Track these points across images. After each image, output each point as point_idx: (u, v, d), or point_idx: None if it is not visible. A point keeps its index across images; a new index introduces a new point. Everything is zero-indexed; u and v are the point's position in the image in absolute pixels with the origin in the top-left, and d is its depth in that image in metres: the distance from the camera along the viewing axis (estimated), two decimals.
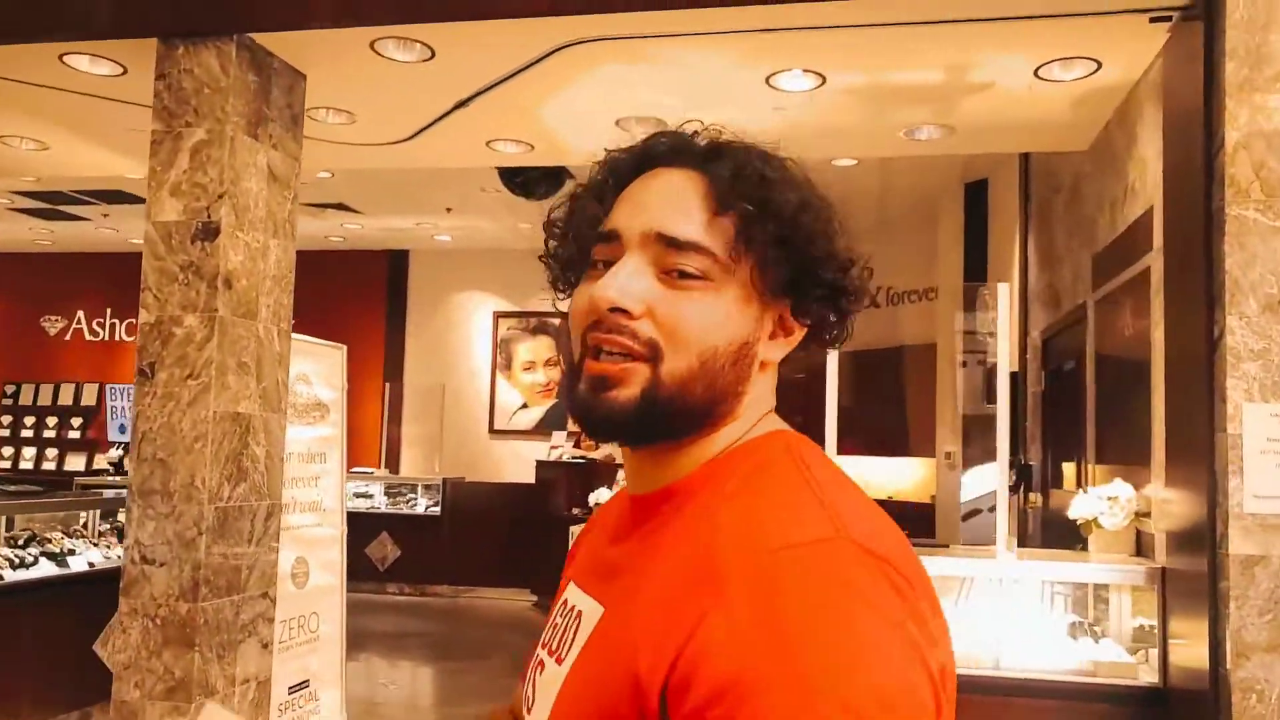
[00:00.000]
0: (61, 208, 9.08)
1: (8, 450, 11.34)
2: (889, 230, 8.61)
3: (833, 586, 0.65)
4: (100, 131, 4.55)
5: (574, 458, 9.22)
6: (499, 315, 10.53)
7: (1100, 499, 3.15)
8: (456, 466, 10.19)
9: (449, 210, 8.92)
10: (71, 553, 4.91)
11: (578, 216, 0.88)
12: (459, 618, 8.87)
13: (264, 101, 3.52)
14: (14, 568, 4.56)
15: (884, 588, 0.66)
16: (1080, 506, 3.23)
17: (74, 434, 11.20)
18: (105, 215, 9.37)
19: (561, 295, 0.90)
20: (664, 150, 0.84)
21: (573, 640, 0.81)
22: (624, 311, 0.77)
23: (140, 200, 8.52)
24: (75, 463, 11.16)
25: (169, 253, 3.36)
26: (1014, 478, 5.37)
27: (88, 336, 11.32)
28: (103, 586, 5.03)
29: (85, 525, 5.46)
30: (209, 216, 3.32)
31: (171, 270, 3.35)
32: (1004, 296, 3.68)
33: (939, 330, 7.84)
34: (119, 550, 5.30)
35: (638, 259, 0.78)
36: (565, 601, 0.88)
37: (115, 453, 9.98)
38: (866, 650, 0.63)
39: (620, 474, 7.15)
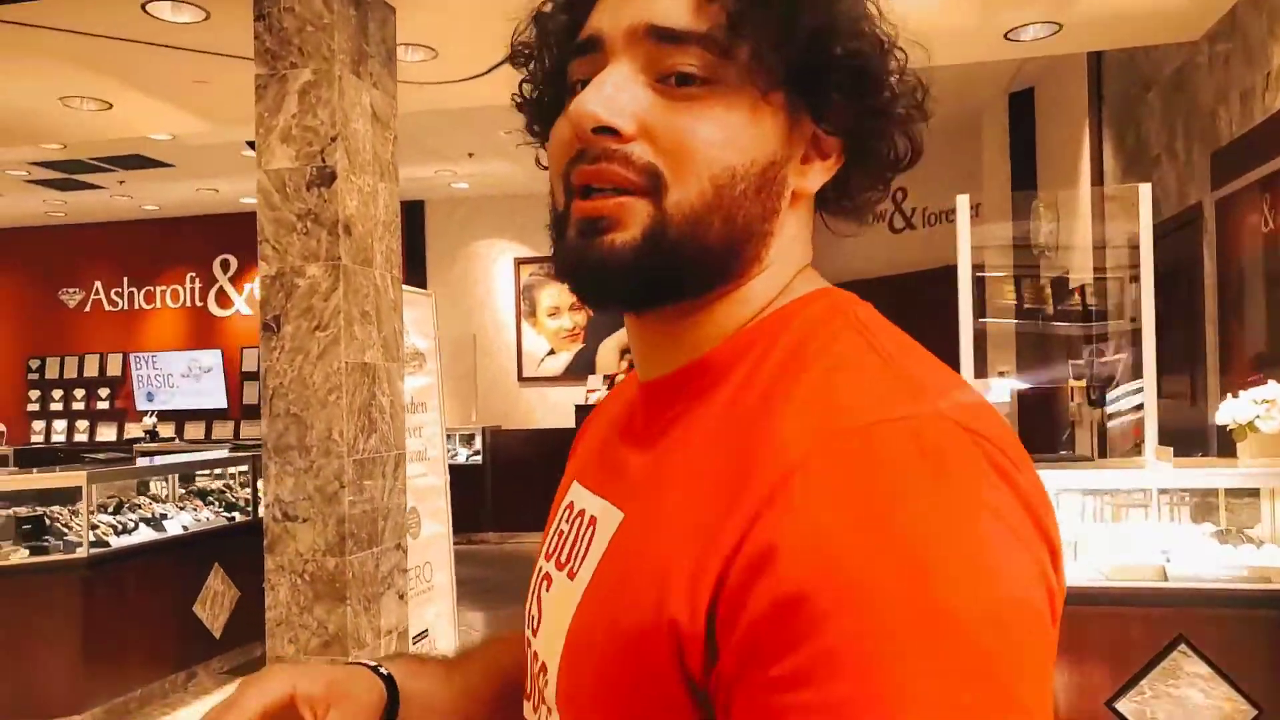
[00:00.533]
0: (78, 176, 8.86)
1: (38, 425, 11.26)
2: (935, 147, 8.49)
3: (931, 472, 0.50)
4: (165, 85, 4.40)
5: None
6: (520, 262, 10.40)
7: (1255, 402, 3.12)
8: (490, 416, 10.16)
9: (471, 155, 8.76)
10: (165, 517, 4.86)
11: (548, 32, 0.70)
12: (507, 563, 8.91)
13: (363, 38, 3.39)
14: (117, 534, 4.51)
15: (991, 475, 0.52)
16: (1232, 411, 3.19)
17: (102, 404, 11.10)
18: (121, 182, 9.16)
19: (540, 145, 0.73)
20: None
21: (585, 550, 0.67)
22: (612, 132, 0.60)
23: (158, 165, 8.42)
24: (106, 433, 11.08)
25: (284, 202, 3.25)
26: (1096, 391, 5.35)
27: (107, 307, 11.14)
28: (197, 548, 5.02)
29: (163, 489, 5.41)
30: (323, 161, 3.21)
31: (289, 220, 3.25)
32: (1146, 198, 3.60)
33: (986, 247, 7.77)
34: (206, 512, 5.26)
35: (625, 65, 0.62)
36: (571, 505, 0.73)
37: (149, 420, 9.91)
38: (977, 552, 0.49)
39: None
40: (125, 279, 11.09)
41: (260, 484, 5.55)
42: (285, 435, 3.22)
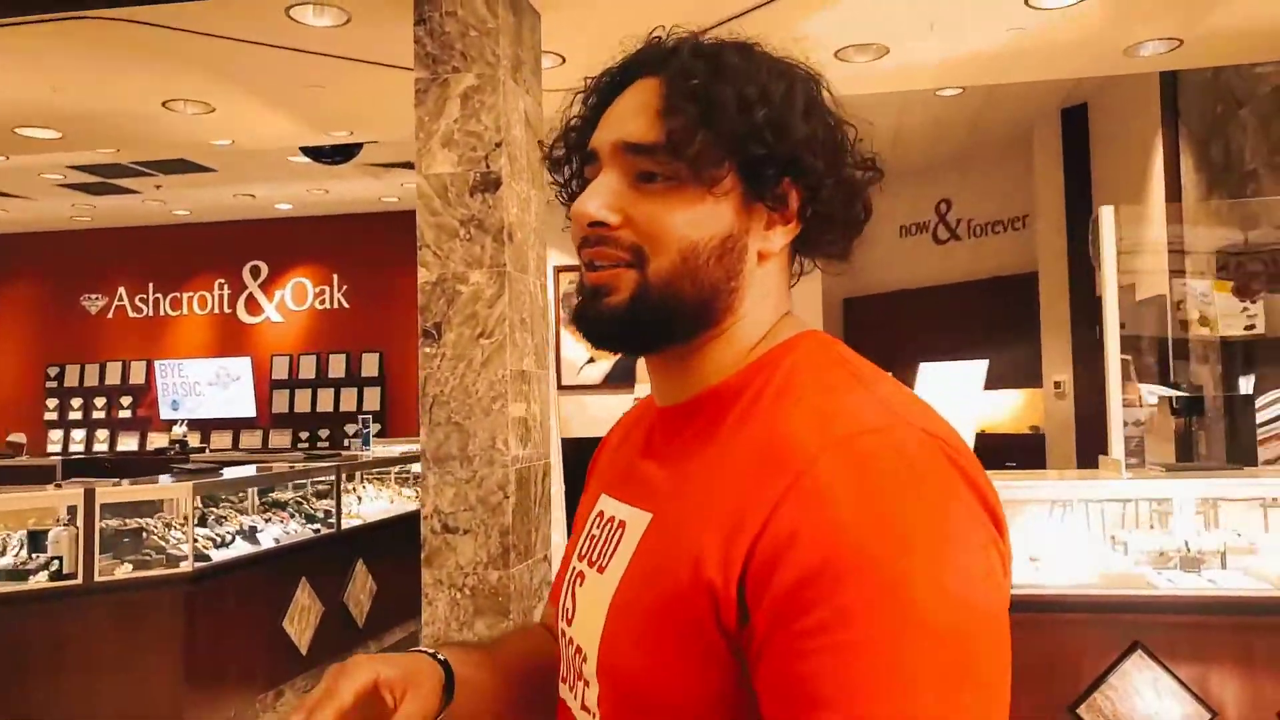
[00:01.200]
0: (115, 180, 8.72)
1: (55, 434, 11.06)
2: (969, 161, 8.54)
3: (910, 470, 0.66)
4: (275, 90, 4.33)
5: None
6: (559, 270, 10.32)
7: None
8: None
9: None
10: (255, 529, 4.76)
11: (572, 143, 0.89)
12: None
13: (519, 43, 3.35)
14: (216, 547, 4.40)
15: (955, 474, 0.68)
16: None
17: (124, 413, 10.92)
18: (158, 187, 9.02)
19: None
20: (636, 61, 0.84)
21: (615, 549, 0.81)
22: (602, 224, 0.79)
23: (201, 169, 8.29)
24: (127, 443, 10.91)
25: (446, 207, 3.19)
26: (1176, 403, 5.36)
27: (131, 313, 10.97)
28: (285, 562, 4.92)
29: (242, 501, 5.30)
30: (488, 167, 3.16)
31: (451, 225, 3.19)
32: None
33: (1041, 259, 7.80)
34: (294, 524, 5.17)
35: (612, 173, 0.80)
36: (601, 514, 0.87)
37: (179, 430, 9.74)
38: (950, 532, 0.65)
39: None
40: (150, 285, 10.93)
41: (340, 496, 5.46)
42: (445, 445, 3.16)
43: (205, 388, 10.61)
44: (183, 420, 9.92)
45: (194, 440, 10.27)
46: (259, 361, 10.58)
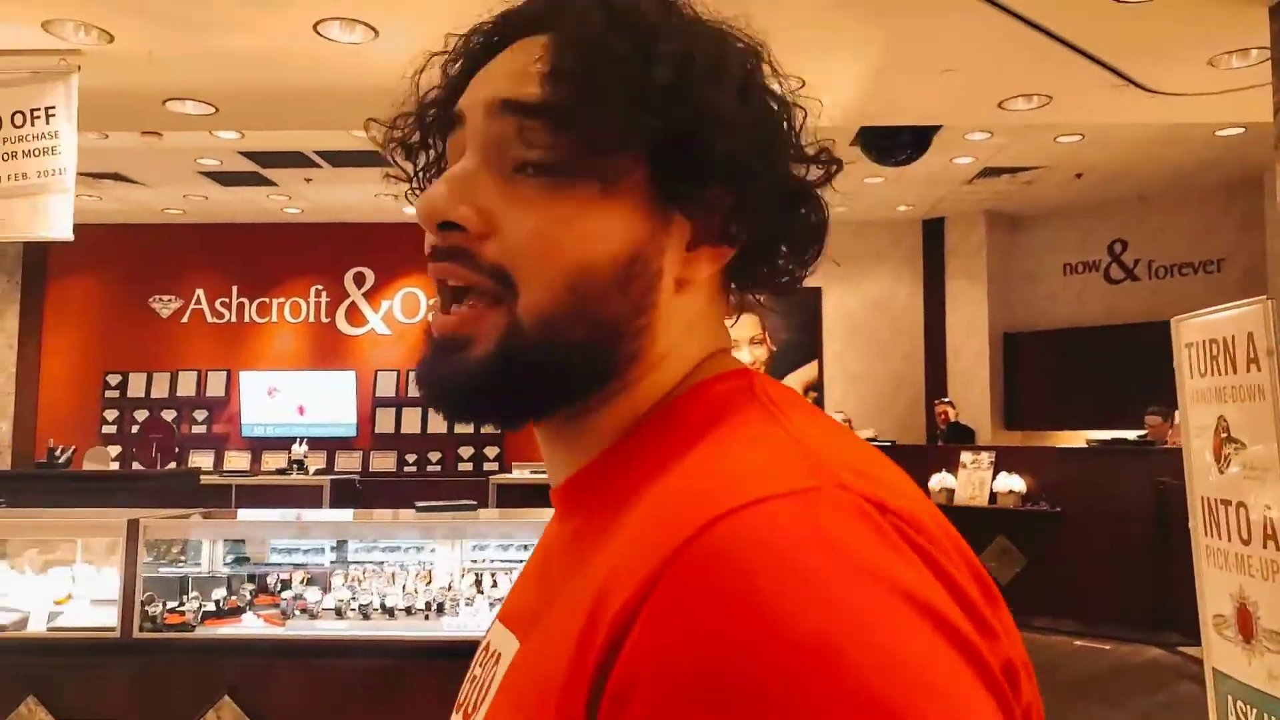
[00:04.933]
0: (267, 170, 7.87)
1: (113, 450, 9.87)
2: (1150, 202, 8.62)
3: (814, 554, 0.44)
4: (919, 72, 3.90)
5: None
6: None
7: None
8: None
9: None
10: None
11: (429, 118, 0.66)
12: None
13: None
14: None
15: (892, 545, 0.46)
16: None
17: (198, 428, 9.86)
18: (308, 180, 8.19)
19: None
20: (518, 16, 0.63)
21: (488, 689, 0.61)
22: (457, 227, 0.58)
23: (368, 163, 7.52)
24: (201, 461, 9.83)
25: None
26: None
27: (209, 318, 9.92)
28: None
29: None
30: None
31: None
32: None
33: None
34: None
35: (478, 150, 0.59)
36: (487, 646, 0.67)
37: (299, 449, 8.82)
38: (865, 640, 0.42)
39: None
40: (234, 288, 9.93)
41: None
42: None
43: (297, 403, 9.68)
44: (302, 439, 8.99)
45: (278, 461, 9.34)
46: (362, 376, 9.73)
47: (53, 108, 3.71)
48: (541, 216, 0.56)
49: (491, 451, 9.63)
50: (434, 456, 9.69)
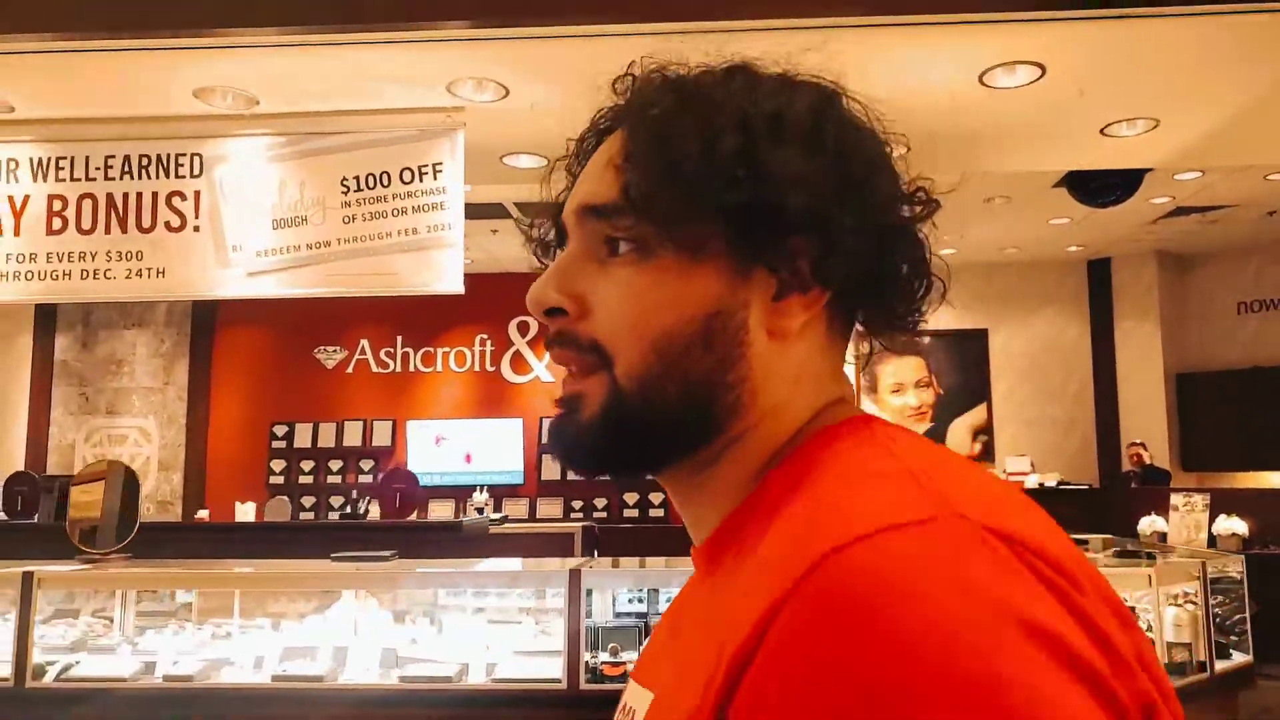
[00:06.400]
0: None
1: (281, 500, 9.96)
2: None
3: (930, 582, 0.44)
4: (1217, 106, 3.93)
5: None
6: (859, 335, 9.95)
7: None
8: None
9: None
10: None
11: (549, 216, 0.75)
12: None
13: None
14: None
15: (1013, 571, 0.46)
16: None
17: (364, 478, 9.94)
18: (494, 232, 8.33)
19: None
20: (610, 113, 0.70)
21: None
22: (559, 312, 0.65)
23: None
24: (374, 511, 9.89)
25: None
26: None
27: (374, 368, 10.06)
28: None
29: None
30: None
31: None
32: None
33: None
34: None
35: (574, 248, 0.67)
36: (624, 704, 0.69)
37: (480, 496, 8.85)
38: (981, 668, 0.42)
39: None
40: (399, 338, 10.07)
41: None
42: None
43: (464, 451, 9.75)
44: (483, 488, 9.03)
45: (444, 510, 9.40)
46: (528, 424, 9.79)
47: (439, 163, 3.82)
48: (625, 292, 0.63)
49: (656, 498, 9.63)
50: (599, 503, 9.71)
